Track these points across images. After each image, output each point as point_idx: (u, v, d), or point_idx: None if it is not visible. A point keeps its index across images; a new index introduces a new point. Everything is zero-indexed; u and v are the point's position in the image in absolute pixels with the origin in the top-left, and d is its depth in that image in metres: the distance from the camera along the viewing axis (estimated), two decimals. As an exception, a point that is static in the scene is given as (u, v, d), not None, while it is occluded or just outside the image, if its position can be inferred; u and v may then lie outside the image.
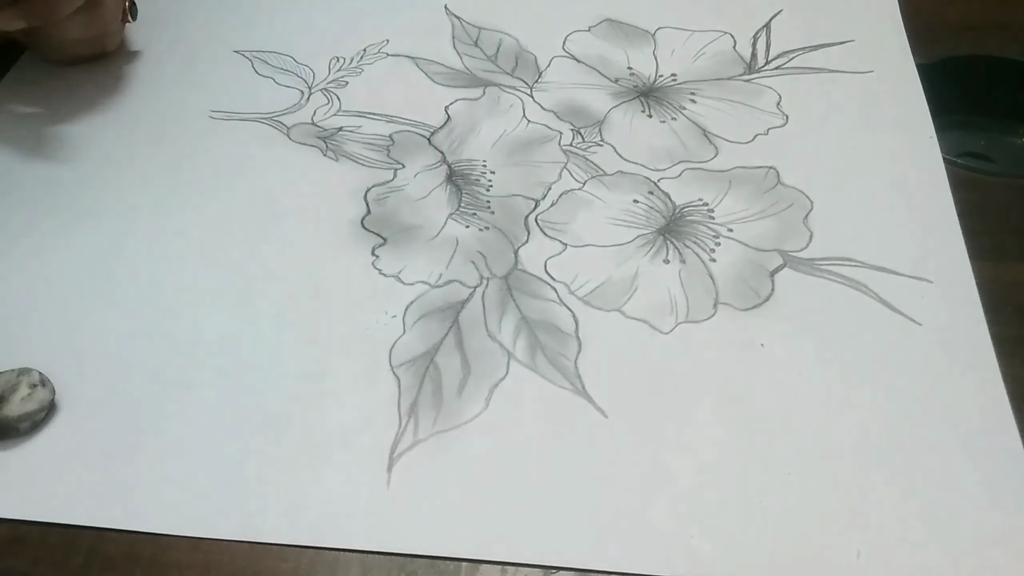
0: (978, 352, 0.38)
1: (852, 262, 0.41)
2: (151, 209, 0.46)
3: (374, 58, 0.54)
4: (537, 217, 0.44)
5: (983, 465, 0.34)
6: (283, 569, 0.33)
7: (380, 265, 0.42)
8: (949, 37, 0.53)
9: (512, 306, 0.40)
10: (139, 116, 0.51)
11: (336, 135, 0.49)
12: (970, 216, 0.43)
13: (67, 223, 0.45)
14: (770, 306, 0.40)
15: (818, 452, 0.35)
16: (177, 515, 0.34)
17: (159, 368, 0.39)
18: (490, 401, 0.37)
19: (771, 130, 0.48)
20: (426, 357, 0.39)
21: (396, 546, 0.33)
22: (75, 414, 0.37)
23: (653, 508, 0.34)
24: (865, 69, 0.51)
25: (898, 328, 0.39)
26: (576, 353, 0.39)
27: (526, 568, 0.33)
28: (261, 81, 0.53)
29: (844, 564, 0.32)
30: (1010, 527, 0.33)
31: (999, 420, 0.36)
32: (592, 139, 0.48)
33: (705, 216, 0.44)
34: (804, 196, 0.44)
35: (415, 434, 0.36)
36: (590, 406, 0.37)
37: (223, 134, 0.49)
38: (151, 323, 0.41)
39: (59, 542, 0.34)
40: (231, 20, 0.57)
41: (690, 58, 0.53)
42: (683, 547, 0.33)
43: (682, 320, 0.40)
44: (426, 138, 0.49)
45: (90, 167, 0.48)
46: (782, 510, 0.34)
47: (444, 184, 0.46)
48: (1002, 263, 0.42)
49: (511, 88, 0.52)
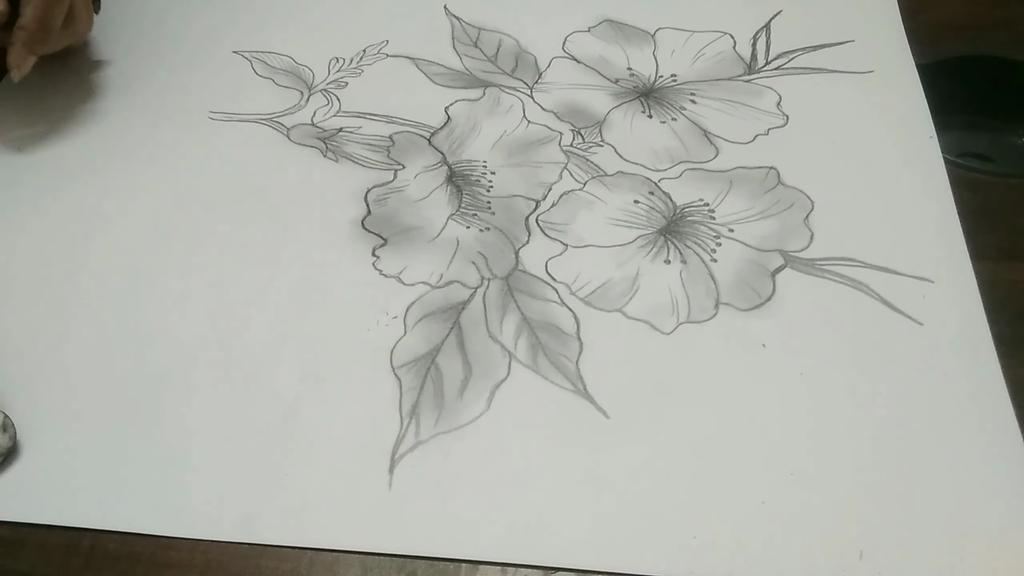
0: (979, 351, 0.38)
1: (853, 262, 0.41)
2: (150, 210, 0.46)
3: (374, 59, 0.54)
4: (538, 218, 0.44)
5: (984, 464, 0.34)
6: (283, 569, 0.33)
7: (381, 266, 0.42)
8: (949, 37, 0.53)
9: (513, 307, 0.40)
10: (138, 117, 0.51)
11: (336, 136, 0.49)
12: (970, 216, 0.43)
13: (66, 223, 0.45)
14: (771, 306, 0.40)
15: (819, 452, 0.35)
16: (177, 515, 0.34)
17: (160, 369, 0.39)
18: (491, 402, 0.37)
19: (771, 130, 0.48)
20: (427, 358, 0.39)
21: (397, 547, 0.33)
22: (75, 414, 0.37)
23: (654, 508, 0.34)
24: (865, 69, 0.51)
25: (899, 328, 0.39)
26: (577, 354, 0.39)
27: (526, 568, 0.33)
28: (261, 82, 0.53)
29: (846, 564, 0.32)
30: (1011, 526, 0.33)
31: (1000, 419, 0.36)
32: (592, 140, 0.48)
33: (706, 216, 0.44)
34: (805, 196, 0.44)
35: (416, 435, 0.36)
36: (592, 407, 0.37)
37: (223, 135, 0.49)
38: (150, 323, 0.40)
39: (59, 542, 0.34)
40: (231, 20, 0.57)
41: (690, 59, 0.53)
42: (684, 547, 0.33)
43: (683, 320, 0.40)
44: (426, 139, 0.49)
45: (90, 167, 0.48)
46: (784, 510, 0.33)
47: (444, 185, 0.46)
48: (1003, 263, 0.42)
49: (511, 89, 0.51)
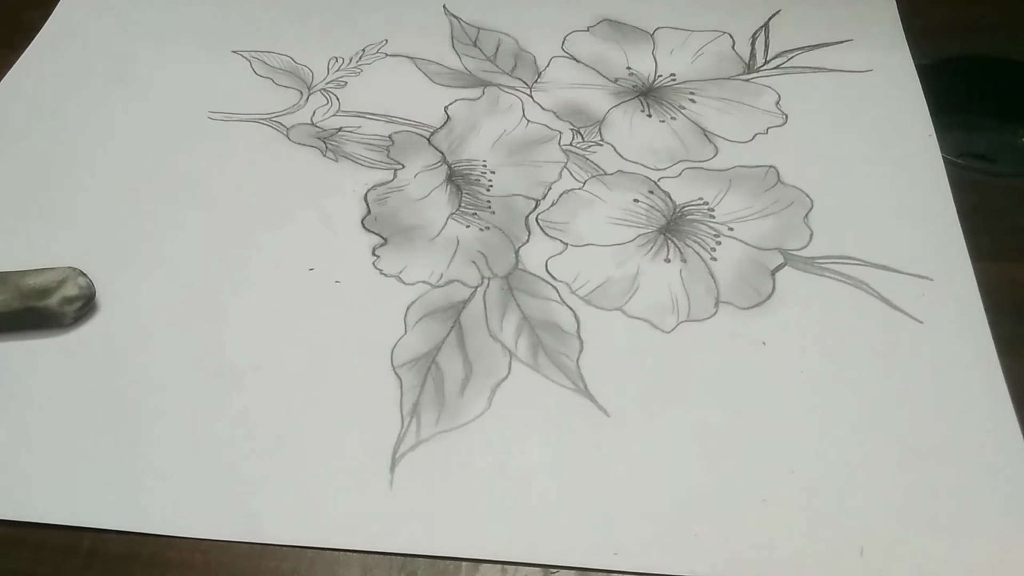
0: (979, 350, 0.38)
1: (853, 260, 0.41)
2: (149, 211, 0.45)
3: (373, 58, 0.54)
4: (538, 217, 0.44)
5: (985, 463, 0.34)
6: (283, 569, 0.33)
7: (381, 265, 0.42)
8: (949, 37, 0.53)
9: (513, 306, 0.40)
10: (138, 117, 0.50)
11: (336, 135, 0.49)
12: (970, 216, 0.43)
13: (65, 225, 0.45)
14: (771, 304, 0.40)
15: (820, 450, 0.35)
16: (177, 515, 0.34)
17: (159, 367, 0.39)
18: (492, 401, 0.37)
19: (770, 129, 0.48)
20: (428, 357, 0.39)
21: (397, 546, 0.33)
22: (75, 415, 0.37)
23: (655, 507, 0.34)
24: (864, 68, 0.51)
25: (899, 326, 0.39)
26: (578, 352, 0.39)
27: (526, 568, 0.33)
28: (260, 81, 0.53)
29: (847, 561, 0.32)
30: (1011, 525, 0.33)
31: (1000, 418, 0.36)
32: (592, 139, 0.48)
33: (706, 215, 0.44)
34: (804, 195, 0.44)
35: (417, 434, 0.36)
36: (592, 405, 0.37)
37: (222, 135, 0.49)
38: (149, 322, 0.40)
39: (59, 542, 0.34)
40: (230, 20, 0.57)
41: (689, 58, 0.53)
42: (685, 546, 0.33)
43: (683, 319, 0.40)
44: (426, 138, 0.49)
45: (89, 168, 0.48)
46: (784, 508, 0.33)
47: (444, 184, 0.46)
48: (1002, 263, 0.42)
49: (510, 88, 0.51)
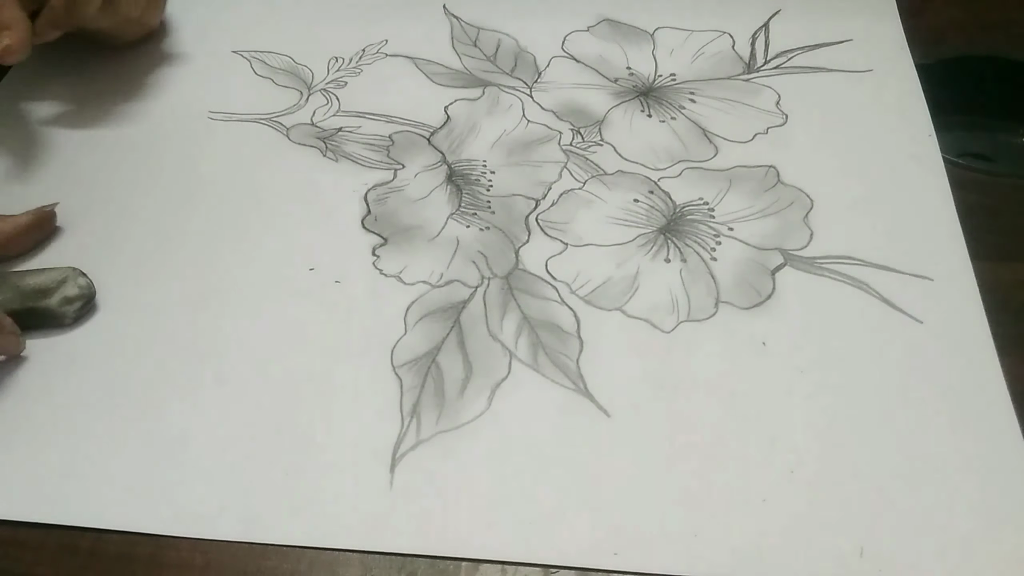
0: (979, 350, 0.38)
1: (853, 260, 0.41)
2: (149, 211, 0.45)
3: (373, 58, 0.54)
4: (538, 217, 0.44)
5: (984, 463, 0.34)
6: (283, 569, 0.33)
7: (381, 265, 0.42)
8: (949, 37, 0.53)
9: (513, 306, 0.40)
10: (137, 117, 0.51)
11: (336, 135, 0.49)
12: (970, 216, 0.43)
13: (65, 225, 0.45)
14: (771, 304, 0.40)
15: (820, 450, 0.35)
16: (177, 515, 0.34)
17: (159, 367, 0.39)
18: (492, 401, 0.37)
19: (770, 129, 0.48)
20: (428, 357, 0.39)
21: (397, 546, 0.33)
22: (75, 415, 0.37)
23: (655, 507, 0.34)
24: (864, 68, 0.51)
25: (899, 326, 0.39)
26: (578, 352, 0.39)
27: (526, 568, 0.33)
28: (260, 81, 0.53)
29: (847, 562, 0.32)
30: (1011, 525, 0.33)
31: (1000, 418, 0.36)
32: (592, 139, 0.48)
33: (706, 215, 0.44)
34: (804, 195, 0.44)
35: (417, 434, 0.36)
36: (592, 405, 0.37)
37: (222, 135, 0.49)
38: (149, 322, 0.40)
39: (59, 543, 0.34)
40: (230, 20, 0.57)
41: (689, 58, 0.53)
42: (685, 546, 0.33)
43: (683, 319, 0.40)
44: (426, 138, 0.49)
45: (88, 168, 0.48)
46: (785, 508, 0.33)
47: (444, 184, 0.46)
48: (1002, 263, 0.41)
49: (510, 88, 0.51)
